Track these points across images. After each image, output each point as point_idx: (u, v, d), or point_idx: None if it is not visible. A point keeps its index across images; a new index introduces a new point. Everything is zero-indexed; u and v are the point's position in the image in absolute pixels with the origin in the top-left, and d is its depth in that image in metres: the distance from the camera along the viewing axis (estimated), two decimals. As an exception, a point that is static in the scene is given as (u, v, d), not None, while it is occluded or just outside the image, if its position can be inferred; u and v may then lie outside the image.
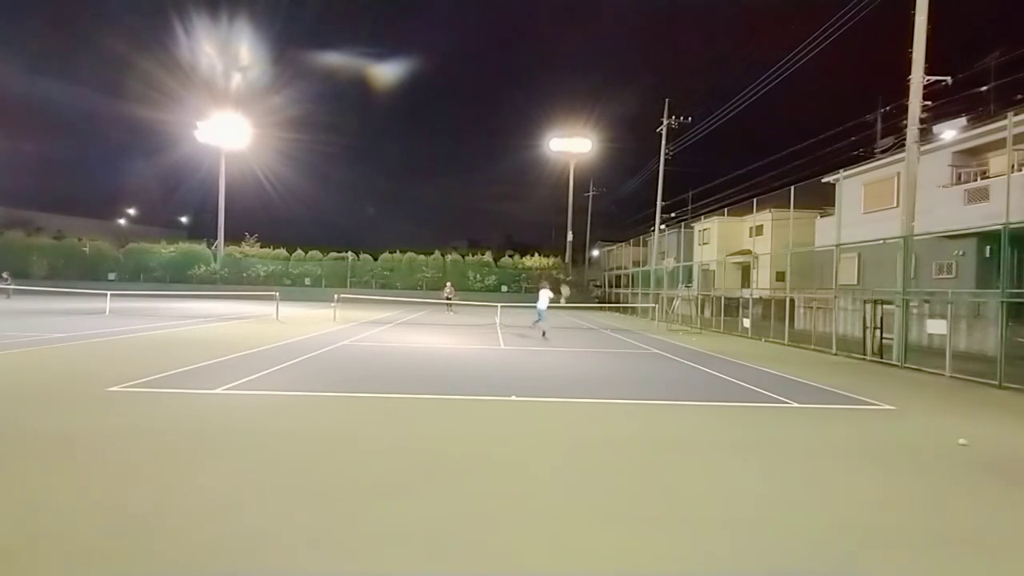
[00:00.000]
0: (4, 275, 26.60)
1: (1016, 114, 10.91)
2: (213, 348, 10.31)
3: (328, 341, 12.29)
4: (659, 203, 30.81)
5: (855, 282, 18.89)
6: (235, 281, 37.34)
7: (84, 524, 2.97)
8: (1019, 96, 20.26)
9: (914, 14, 11.88)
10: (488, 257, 41.92)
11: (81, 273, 36.06)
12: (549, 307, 14.45)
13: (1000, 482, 4.22)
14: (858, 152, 28.16)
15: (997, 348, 9.15)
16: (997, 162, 15.80)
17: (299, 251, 40.81)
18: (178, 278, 37.63)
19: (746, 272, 27.50)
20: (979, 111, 20.19)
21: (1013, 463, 4.75)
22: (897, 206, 15.64)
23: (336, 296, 21.64)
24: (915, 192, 12.20)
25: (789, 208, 16.61)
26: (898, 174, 16.59)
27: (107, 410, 5.48)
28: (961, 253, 15.94)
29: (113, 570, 2.53)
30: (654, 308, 25.74)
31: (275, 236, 41.80)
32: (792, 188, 16.36)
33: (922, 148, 12.85)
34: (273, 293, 21.03)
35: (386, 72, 72.42)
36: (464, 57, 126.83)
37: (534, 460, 4.37)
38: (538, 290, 14.67)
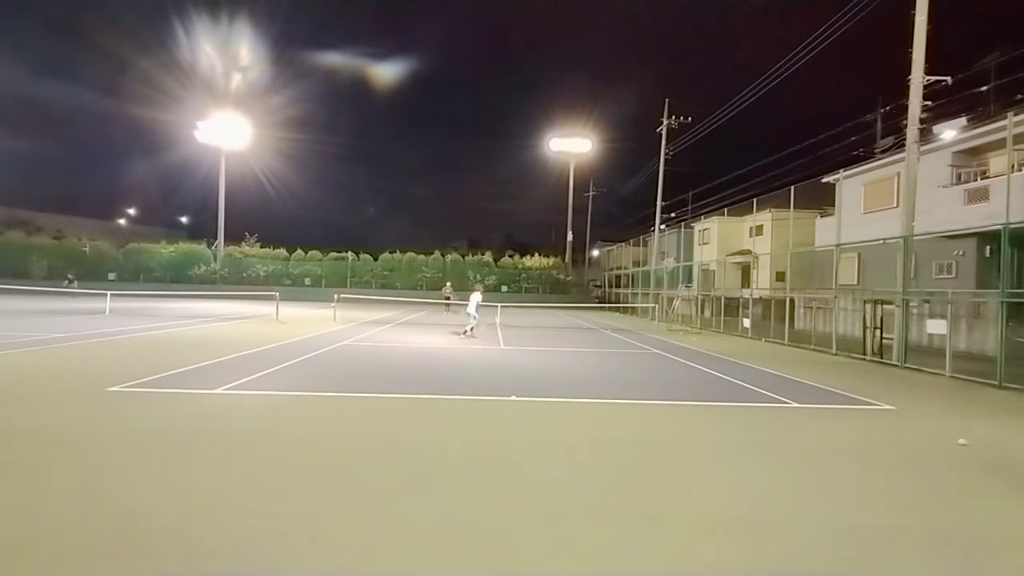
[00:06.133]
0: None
1: (1016, 114, 10.91)
2: (213, 348, 10.30)
3: (328, 341, 12.29)
4: (659, 203, 30.84)
5: (855, 282, 18.90)
6: (235, 281, 37.34)
7: (84, 524, 2.97)
8: (1019, 96, 20.28)
9: (914, 14, 11.88)
10: (488, 257, 41.95)
11: (81, 273, 36.04)
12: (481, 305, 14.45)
13: (1000, 482, 4.22)
14: (858, 152, 28.20)
15: (997, 348, 9.15)
16: (997, 162, 15.80)
17: (299, 251, 40.84)
18: (178, 278, 37.62)
19: (746, 272, 27.51)
20: (979, 111, 20.22)
21: (1013, 463, 4.75)
22: (897, 206, 15.64)
23: (336, 296, 21.64)
24: (915, 192, 12.19)
25: (789, 208, 16.61)
26: (898, 174, 16.60)
27: (107, 410, 5.48)
28: (961, 253, 15.94)
29: (113, 570, 2.53)
30: (654, 308, 25.75)
31: (275, 236, 41.91)
32: (792, 188, 16.37)
33: (922, 148, 12.85)
34: (273, 293, 21.02)
35: (386, 72, 72.51)
36: (464, 57, 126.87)
37: (534, 460, 4.37)
38: (472, 292, 14.65)
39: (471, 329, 14.24)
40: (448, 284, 27.70)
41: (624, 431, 5.41)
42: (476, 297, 14.38)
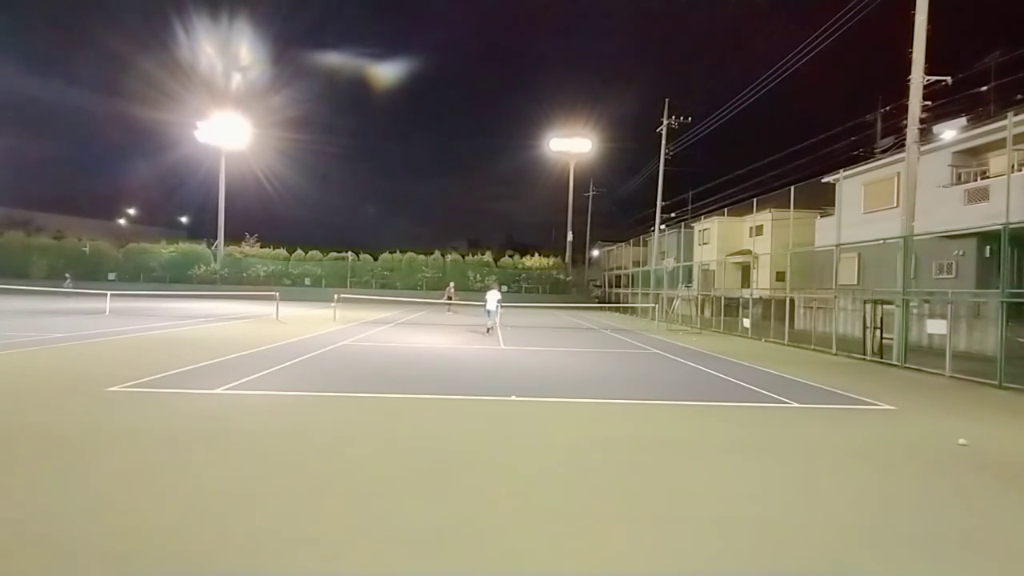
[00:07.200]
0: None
1: (1016, 114, 10.91)
2: (213, 348, 10.31)
3: (328, 341, 12.29)
4: (659, 203, 30.85)
5: (855, 282, 18.89)
6: (235, 281, 37.35)
7: (84, 524, 2.97)
8: (1019, 96, 20.28)
9: (914, 14, 11.88)
10: (488, 257, 41.99)
11: (81, 273, 36.03)
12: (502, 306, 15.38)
13: (999, 482, 4.22)
14: (858, 152, 28.20)
15: (997, 348, 9.14)
16: (997, 162, 15.79)
17: (299, 251, 40.88)
18: (178, 278, 37.65)
19: (746, 272, 27.50)
20: (979, 111, 20.21)
21: (1013, 463, 4.75)
22: (897, 206, 15.64)
23: (336, 296, 21.64)
24: (915, 192, 12.19)
25: (789, 208, 16.62)
26: (898, 174, 16.59)
27: (107, 410, 5.48)
28: (961, 253, 15.94)
29: (113, 570, 2.53)
30: (654, 308, 25.74)
31: (275, 236, 42.00)
32: (792, 188, 16.38)
33: (922, 148, 12.84)
34: (273, 293, 21.02)
35: (386, 72, 72.59)
36: (464, 57, 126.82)
37: (534, 460, 4.37)
38: (487, 290, 15.58)
39: (488, 328, 14.78)
40: (451, 284, 27.81)
41: (624, 431, 5.41)
42: (495, 295, 14.99)
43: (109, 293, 20.27)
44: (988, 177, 15.81)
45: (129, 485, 3.54)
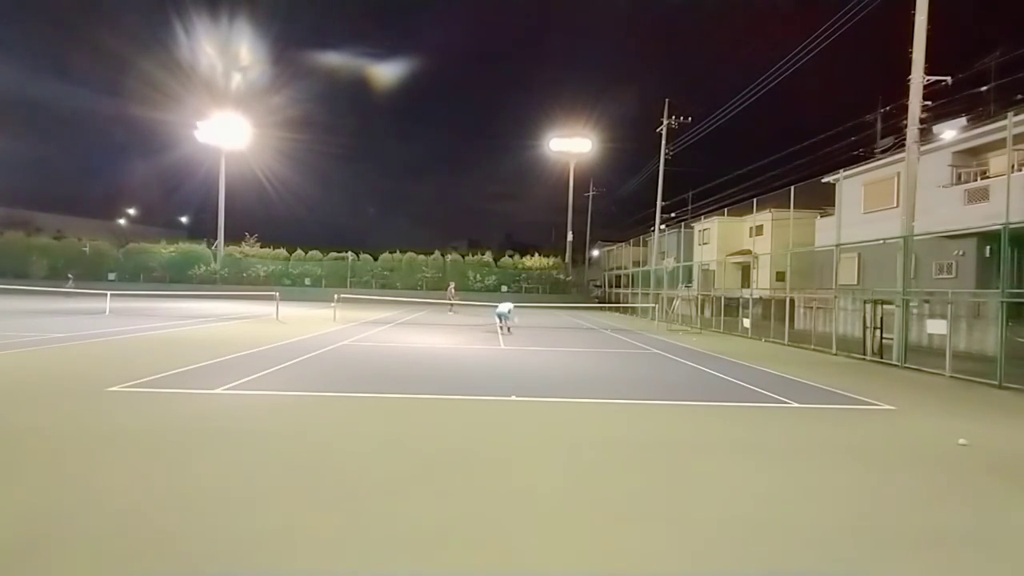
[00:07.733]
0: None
1: (1016, 114, 10.91)
2: (213, 348, 10.30)
3: (328, 341, 12.29)
4: (659, 203, 30.85)
5: (855, 282, 18.89)
6: (235, 281, 37.37)
7: (84, 524, 2.97)
8: (1019, 96, 20.28)
9: (914, 14, 11.88)
10: (488, 257, 42.00)
11: (81, 273, 36.05)
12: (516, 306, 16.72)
13: (1000, 482, 4.22)
14: (858, 152, 28.21)
15: (997, 348, 9.14)
16: (997, 162, 15.79)
17: (299, 251, 40.88)
18: (178, 278, 37.66)
19: (746, 272, 27.49)
20: (979, 111, 20.22)
21: (1013, 463, 4.75)
22: (897, 206, 15.64)
23: (336, 296, 21.64)
24: (915, 192, 12.19)
25: (789, 208, 16.61)
26: (898, 174, 16.59)
27: (107, 410, 5.48)
28: (961, 253, 15.94)
29: (113, 570, 2.53)
30: (654, 308, 25.74)
31: (275, 236, 42.00)
32: (792, 188, 16.36)
33: (922, 148, 12.84)
34: (273, 293, 21.02)
35: (386, 72, 72.57)
36: (464, 57, 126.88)
37: (534, 460, 4.37)
38: (501, 300, 17.26)
39: (508, 328, 15.64)
40: (452, 284, 27.87)
41: (624, 431, 5.41)
42: (507, 305, 16.13)
43: (109, 293, 20.28)
44: (988, 177, 15.81)
45: (129, 485, 3.54)
